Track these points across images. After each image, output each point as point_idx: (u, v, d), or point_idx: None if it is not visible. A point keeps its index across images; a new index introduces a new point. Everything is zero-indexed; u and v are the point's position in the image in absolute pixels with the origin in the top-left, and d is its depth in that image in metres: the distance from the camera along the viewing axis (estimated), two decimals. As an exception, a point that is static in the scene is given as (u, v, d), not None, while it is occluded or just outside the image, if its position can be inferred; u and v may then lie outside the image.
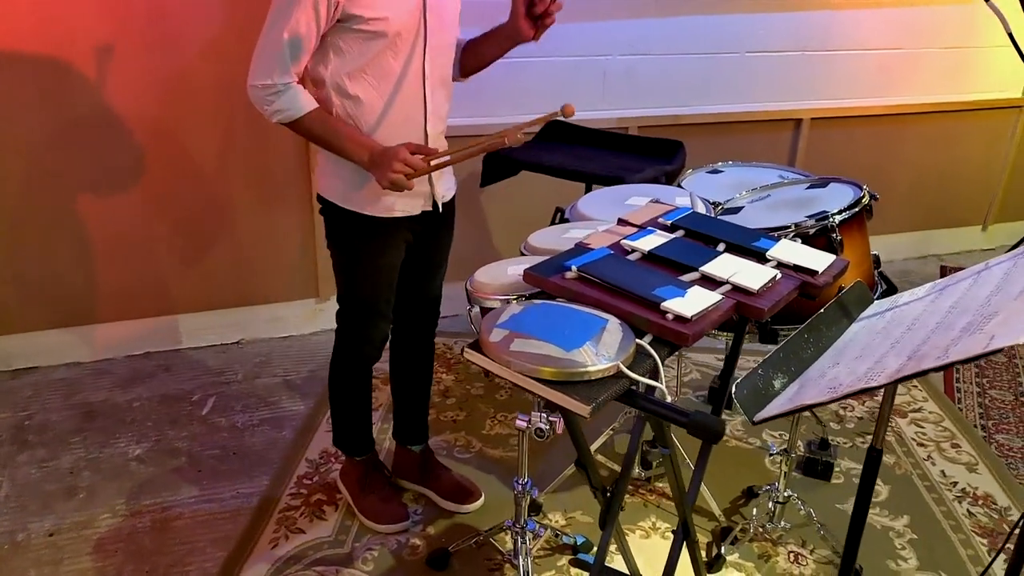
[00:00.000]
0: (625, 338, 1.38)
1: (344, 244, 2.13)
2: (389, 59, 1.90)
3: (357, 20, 1.83)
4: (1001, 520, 2.48)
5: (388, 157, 1.84)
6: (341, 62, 1.89)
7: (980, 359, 1.15)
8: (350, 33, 1.86)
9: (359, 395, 2.35)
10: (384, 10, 1.84)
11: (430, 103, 2.00)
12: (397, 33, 1.87)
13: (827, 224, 1.93)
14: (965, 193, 4.34)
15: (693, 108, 3.61)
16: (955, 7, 3.83)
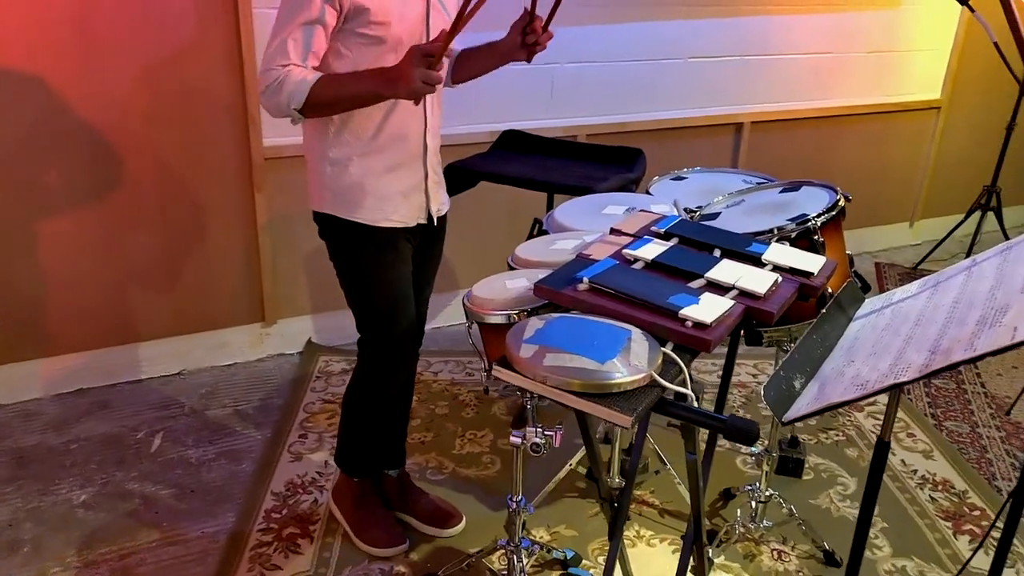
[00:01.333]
0: (652, 348, 1.37)
1: (351, 261, 2.06)
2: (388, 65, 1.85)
3: (362, 20, 1.79)
4: (961, 503, 2.58)
5: (404, 62, 1.69)
6: (342, 67, 1.85)
7: (1008, 351, 1.18)
8: (352, 37, 1.83)
9: (376, 416, 2.27)
10: (388, 15, 1.81)
11: (430, 114, 1.99)
12: (399, 40, 1.85)
13: (809, 227, 1.96)
14: (893, 191, 4.54)
15: (639, 115, 3.65)
16: (879, 12, 4.01)
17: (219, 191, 3.08)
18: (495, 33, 2.07)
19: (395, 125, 1.94)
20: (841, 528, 2.45)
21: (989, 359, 3.32)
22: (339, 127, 1.92)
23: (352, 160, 1.95)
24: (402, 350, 2.16)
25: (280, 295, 3.32)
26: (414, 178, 2.03)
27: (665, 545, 2.37)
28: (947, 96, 4.39)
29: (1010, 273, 1.42)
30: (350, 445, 2.34)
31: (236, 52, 2.91)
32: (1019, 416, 3.06)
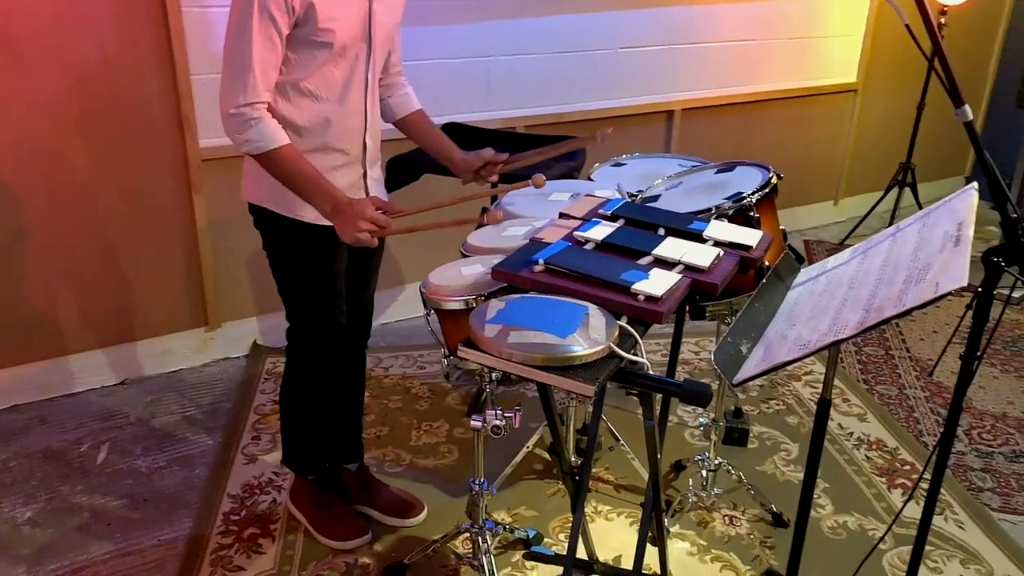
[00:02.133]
0: (608, 322, 1.43)
1: (285, 255, 2.07)
2: (333, 70, 1.89)
3: (311, 25, 1.79)
4: (893, 460, 2.73)
5: (354, 212, 1.75)
6: (287, 72, 1.86)
7: (933, 304, 1.28)
8: (298, 43, 1.83)
9: (314, 412, 2.28)
10: (334, 21, 1.82)
11: (370, 114, 2.01)
12: (343, 44, 1.86)
13: (745, 204, 2.06)
14: (817, 171, 4.73)
15: (574, 105, 3.72)
16: (797, 0, 4.17)
17: (156, 195, 3.04)
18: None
19: (338, 126, 1.95)
20: (787, 491, 2.57)
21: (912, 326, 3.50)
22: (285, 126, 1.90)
23: None
24: (332, 343, 2.17)
25: (223, 298, 3.29)
26: (353, 176, 2.05)
27: (623, 519, 2.45)
28: (862, 79, 4.59)
29: (929, 236, 1.53)
30: (294, 443, 2.35)
31: (167, 52, 2.87)
32: (941, 377, 3.24)
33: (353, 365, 2.38)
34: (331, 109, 1.92)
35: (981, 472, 2.67)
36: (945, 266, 1.32)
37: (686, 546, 2.34)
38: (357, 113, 1.97)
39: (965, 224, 1.42)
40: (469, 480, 2.08)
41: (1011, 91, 5.16)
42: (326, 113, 1.92)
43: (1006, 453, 2.77)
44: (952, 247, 1.35)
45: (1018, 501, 2.54)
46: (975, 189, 1.55)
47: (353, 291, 2.24)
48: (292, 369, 2.24)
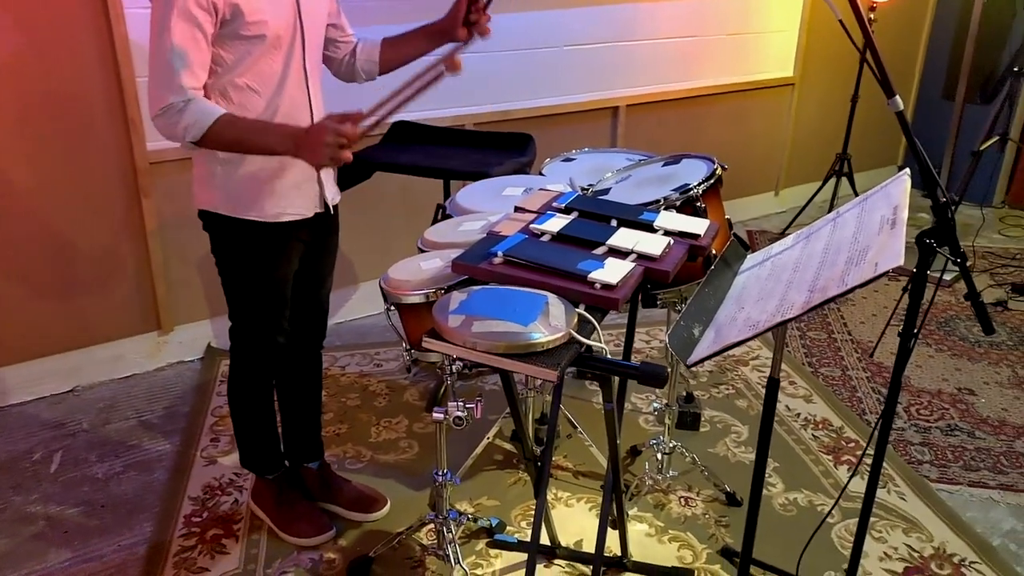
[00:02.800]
0: (567, 309, 1.49)
1: (235, 258, 2.07)
2: (270, 63, 1.89)
3: (239, 21, 1.80)
4: (839, 438, 2.85)
5: (316, 135, 1.71)
6: (223, 70, 1.86)
7: (873, 282, 1.36)
8: (231, 40, 1.83)
9: (263, 412, 2.29)
10: (263, 13, 1.83)
11: (314, 103, 2.02)
12: (276, 35, 1.87)
13: (692, 195, 2.13)
14: (758, 164, 4.86)
15: (522, 102, 3.78)
16: (735, -5, 4.30)
17: (103, 198, 3.00)
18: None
19: (283, 119, 1.95)
20: (739, 471, 2.66)
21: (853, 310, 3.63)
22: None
23: (244, 159, 1.95)
24: (274, 346, 2.18)
25: (175, 301, 3.27)
26: (307, 169, 2.03)
27: (583, 504, 2.51)
28: (799, 73, 4.74)
29: (867, 220, 1.61)
30: (249, 444, 2.36)
31: (110, 54, 2.84)
32: (881, 358, 3.38)
33: (309, 365, 2.40)
34: (272, 103, 1.92)
35: (920, 446, 2.80)
36: (883, 247, 1.40)
37: (644, 528, 2.41)
38: (301, 105, 1.98)
39: (900, 207, 1.50)
40: (432, 472, 2.12)
41: (938, 83, 5.38)
42: (269, 108, 1.92)
43: (942, 427, 2.91)
44: (889, 229, 1.44)
45: (954, 472, 2.67)
46: (907, 175, 1.65)
47: (308, 291, 2.26)
48: (236, 370, 2.25)
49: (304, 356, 2.38)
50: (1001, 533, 2.42)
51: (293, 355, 2.35)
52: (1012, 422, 2.94)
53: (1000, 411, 3.01)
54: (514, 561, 2.29)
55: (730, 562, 2.27)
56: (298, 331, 2.31)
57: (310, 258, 2.19)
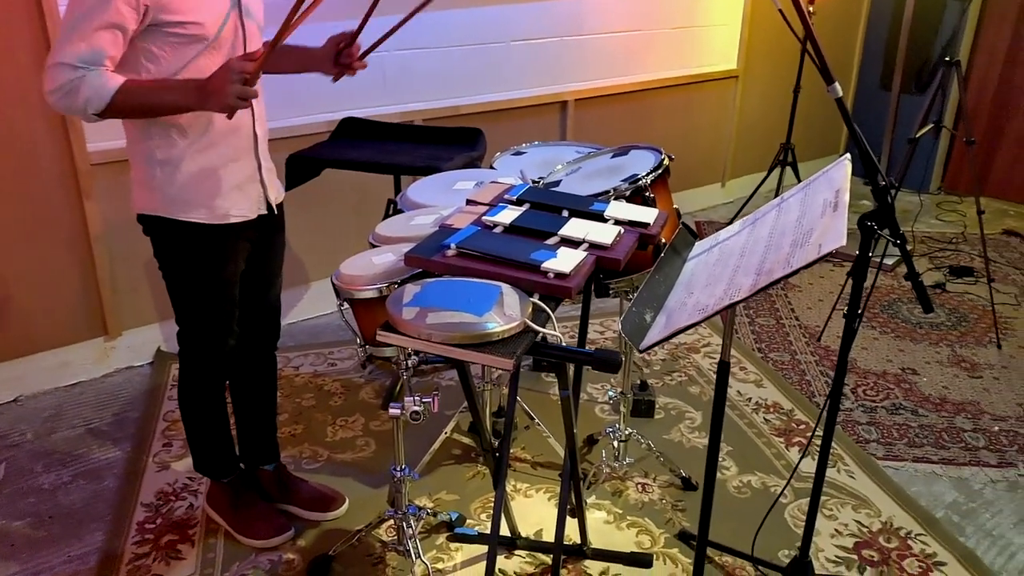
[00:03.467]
0: (521, 299, 1.50)
1: (179, 261, 2.04)
2: (209, 62, 1.86)
3: (169, 24, 1.77)
4: (789, 420, 2.91)
5: (218, 77, 1.70)
6: (159, 69, 1.82)
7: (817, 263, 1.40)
8: (163, 37, 1.80)
9: (215, 415, 2.25)
10: (195, 15, 1.80)
11: (256, 105, 1.99)
12: (214, 35, 1.84)
13: (640, 185, 2.16)
14: (704, 155, 4.94)
15: (471, 98, 3.78)
16: (678, -10, 4.36)
17: (43, 203, 2.93)
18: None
19: (222, 122, 1.92)
20: (693, 456, 2.70)
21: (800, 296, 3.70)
22: (165, 126, 1.88)
23: (184, 160, 1.92)
24: (223, 349, 2.16)
25: (122, 306, 3.20)
26: (248, 169, 2.03)
27: (541, 494, 2.53)
28: (742, 65, 4.82)
29: (811, 204, 1.66)
30: (202, 449, 2.33)
31: (45, 53, 2.77)
32: (828, 341, 3.47)
33: (263, 366, 2.38)
34: None
35: (867, 425, 2.88)
36: (826, 229, 1.44)
37: (603, 515, 2.44)
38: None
39: (841, 191, 1.55)
40: (390, 468, 2.11)
41: (875, 74, 5.53)
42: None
43: (887, 407, 2.99)
44: (831, 212, 1.48)
45: (899, 449, 2.75)
46: (848, 160, 1.70)
47: (258, 293, 2.24)
48: (185, 375, 2.21)
49: (257, 358, 2.36)
50: (944, 505, 2.51)
51: (246, 357, 2.32)
52: (952, 399, 3.05)
53: (941, 389, 3.11)
54: (475, 554, 2.30)
55: (687, 545, 2.31)
56: (250, 333, 2.29)
57: (257, 258, 2.17)
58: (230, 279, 2.10)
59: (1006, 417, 2.94)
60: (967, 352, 3.39)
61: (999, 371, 3.24)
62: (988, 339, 3.48)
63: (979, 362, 3.32)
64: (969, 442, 2.79)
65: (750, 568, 2.24)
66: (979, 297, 3.86)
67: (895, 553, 2.31)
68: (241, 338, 2.27)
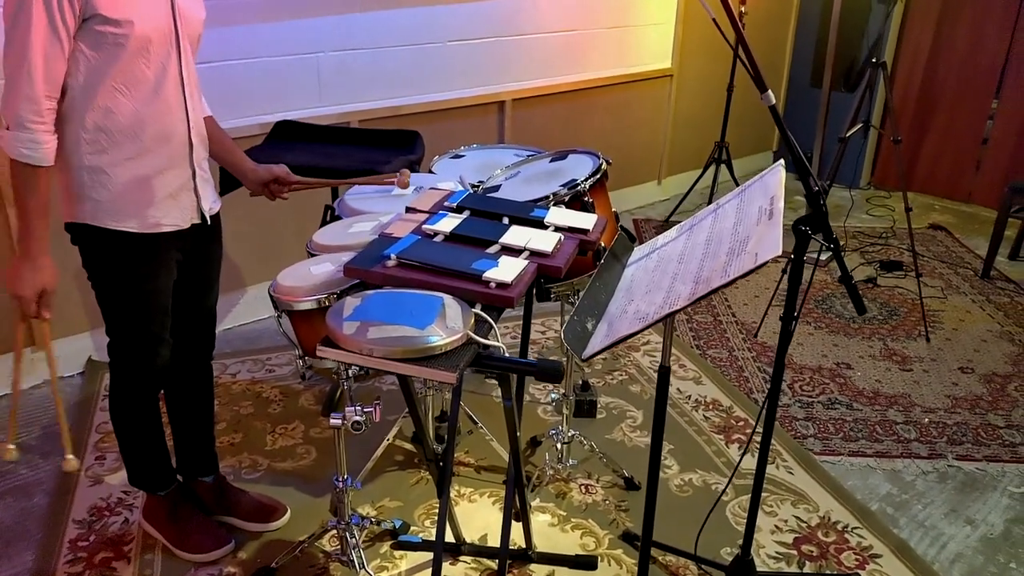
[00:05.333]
0: (464, 310, 1.49)
1: (108, 271, 1.97)
2: (142, 67, 1.81)
3: (102, 21, 1.72)
4: (728, 417, 2.97)
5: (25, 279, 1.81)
6: (88, 72, 1.76)
7: (753, 272, 1.42)
8: (94, 38, 1.74)
9: (150, 427, 2.19)
10: (129, 13, 1.74)
11: (191, 111, 1.94)
12: (147, 38, 1.78)
13: (579, 190, 2.17)
14: (641, 153, 4.99)
15: (408, 98, 3.75)
16: (611, -12, 4.39)
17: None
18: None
19: (157, 126, 1.88)
20: (635, 456, 2.73)
21: (736, 293, 3.78)
22: (94, 133, 1.82)
23: (114, 167, 1.86)
24: (154, 359, 2.11)
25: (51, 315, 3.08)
26: (181, 178, 1.98)
27: (485, 498, 2.53)
28: (677, 64, 4.89)
29: (746, 211, 1.68)
30: (136, 462, 2.27)
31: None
32: (764, 337, 3.54)
33: (198, 376, 2.32)
34: (144, 109, 1.84)
35: (804, 421, 2.95)
36: (762, 237, 1.46)
37: (547, 518, 2.45)
38: (176, 113, 1.91)
39: (776, 198, 1.58)
40: (332, 478, 2.09)
41: (806, 72, 5.66)
42: (140, 114, 1.84)
43: (823, 402, 3.07)
44: (767, 220, 1.50)
45: (835, 443, 2.83)
46: (782, 166, 1.73)
47: (193, 301, 2.18)
48: (116, 385, 2.15)
49: (192, 368, 2.30)
50: (878, 498, 2.59)
51: (181, 367, 2.26)
52: (885, 392, 3.14)
53: (874, 383, 3.20)
54: (420, 561, 2.29)
55: (632, 546, 2.34)
56: (184, 342, 2.23)
57: (191, 268, 2.11)
58: (162, 289, 2.04)
59: (935, 409, 3.04)
60: (898, 345, 3.49)
61: (928, 363, 3.35)
62: (917, 332, 3.59)
63: (909, 355, 3.42)
64: (901, 434, 2.88)
65: (694, 567, 2.27)
66: (908, 291, 3.99)
67: (833, 547, 2.37)
68: (176, 348, 2.21)
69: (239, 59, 3.21)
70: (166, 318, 2.09)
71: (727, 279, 1.40)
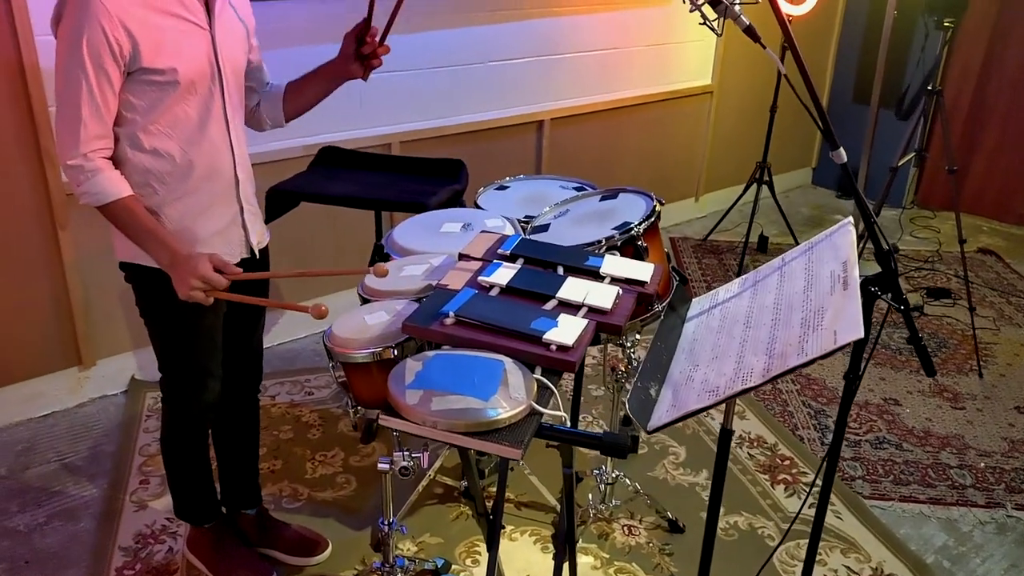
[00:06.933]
0: (525, 376, 1.47)
1: (160, 309, 1.98)
2: (186, 108, 1.82)
3: (146, 72, 1.74)
4: (773, 455, 2.92)
5: (190, 268, 1.74)
6: (134, 116, 1.78)
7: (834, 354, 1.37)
8: (139, 85, 1.75)
9: (198, 462, 2.20)
10: (171, 61, 1.75)
11: (236, 146, 1.95)
12: (191, 81, 1.79)
13: (633, 234, 2.14)
14: (678, 170, 4.94)
15: (448, 119, 3.73)
16: (653, 8, 4.33)
17: (16, 233, 2.84)
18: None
19: (204, 165, 1.89)
20: (679, 495, 2.70)
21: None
22: (144, 175, 1.84)
23: (164, 207, 1.88)
24: (206, 394, 2.11)
25: (96, 335, 3.12)
26: (229, 214, 1.99)
27: (526, 537, 2.51)
28: (717, 82, 4.82)
29: (817, 274, 1.63)
30: (183, 495, 2.28)
31: (20, 84, 2.69)
32: (809, 370, 3.48)
33: (245, 410, 2.33)
34: (191, 149, 1.85)
35: (852, 461, 2.89)
36: (839, 312, 1.41)
37: (590, 560, 2.42)
38: (222, 149, 1.91)
39: (850, 264, 1.52)
40: (378, 521, 2.07)
41: (848, 86, 5.56)
42: (188, 155, 1.85)
43: (871, 440, 3.01)
44: (842, 290, 1.46)
45: (885, 487, 2.77)
46: (851, 225, 1.68)
47: (241, 335, 2.19)
48: (168, 420, 2.17)
49: (239, 402, 2.31)
50: (934, 549, 2.52)
51: (228, 401, 2.27)
52: (936, 432, 3.06)
53: (924, 421, 3.13)
54: (464, 603, 2.27)
55: (677, 592, 2.31)
56: (232, 376, 2.23)
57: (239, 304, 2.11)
58: (212, 325, 2.05)
59: (991, 452, 2.95)
60: (949, 381, 3.41)
61: (982, 402, 3.27)
62: (969, 366, 3.50)
63: (961, 391, 3.34)
64: (956, 480, 2.81)
65: (741, 617, 2.24)
66: (958, 321, 3.89)
67: (885, 600, 2.32)
68: (224, 382, 2.21)
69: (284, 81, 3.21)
70: (216, 352, 2.10)
71: (805, 358, 1.35)
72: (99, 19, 1.64)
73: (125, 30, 1.67)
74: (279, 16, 3.12)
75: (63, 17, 1.69)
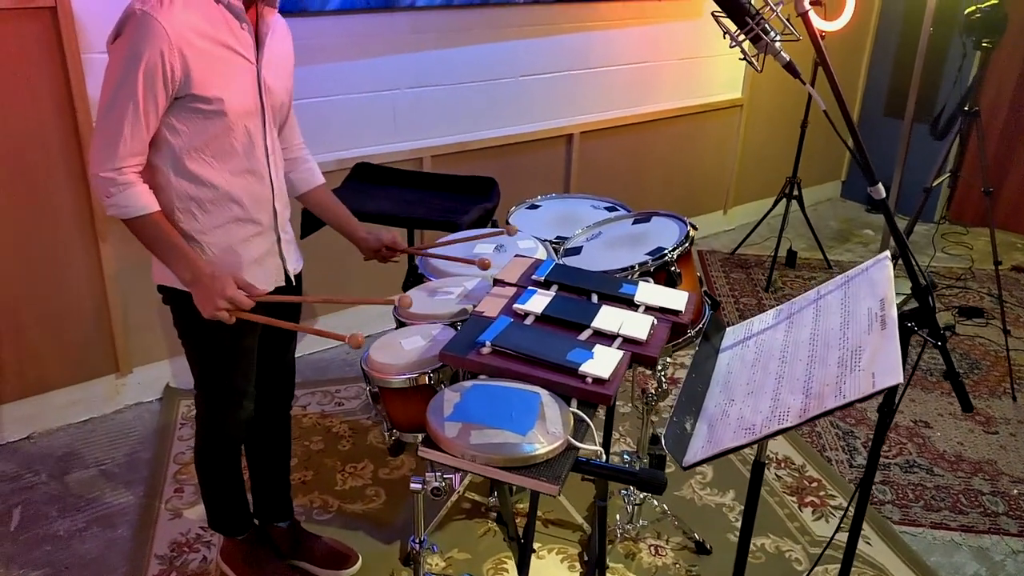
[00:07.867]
0: (562, 410, 1.49)
1: (198, 332, 2.02)
2: (231, 140, 1.85)
3: (194, 99, 1.77)
4: (801, 477, 2.91)
5: (213, 287, 1.77)
6: (178, 142, 1.81)
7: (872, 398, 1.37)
8: (186, 112, 1.78)
9: (232, 476, 2.25)
10: (220, 91, 1.78)
11: (276, 179, 1.98)
12: (236, 114, 1.82)
13: (666, 260, 2.15)
14: (706, 183, 4.94)
15: (479, 133, 3.76)
16: (684, 22, 4.34)
17: (61, 245, 2.91)
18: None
19: (244, 196, 1.92)
20: (706, 515, 2.70)
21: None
22: (185, 202, 1.86)
23: (203, 235, 1.91)
24: (241, 411, 2.15)
25: (134, 343, 3.18)
26: (267, 243, 2.02)
27: (554, 555, 2.52)
28: (747, 95, 4.81)
29: (853, 311, 1.63)
30: (217, 508, 2.32)
31: (67, 99, 2.75)
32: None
33: (278, 426, 2.37)
34: (233, 180, 1.88)
35: (881, 484, 2.87)
36: (877, 353, 1.41)
37: (618, 580, 2.44)
38: (262, 181, 1.95)
39: (887, 303, 1.52)
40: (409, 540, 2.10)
41: (880, 100, 5.52)
42: (229, 184, 1.88)
43: (901, 464, 2.99)
44: (880, 330, 1.46)
45: (915, 512, 2.75)
46: (889, 260, 1.68)
47: (275, 355, 2.23)
48: (202, 436, 2.21)
49: (272, 418, 2.35)
50: (964, 579, 2.51)
51: (261, 417, 2.31)
52: (968, 457, 3.03)
53: (956, 445, 3.10)
54: (492, 621, 2.30)
55: (704, 615, 2.31)
56: (266, 393, 2.27)
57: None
58: (248, 347, 2.09)
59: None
60: (981, 404, 3.37)
61: (1015, 426, 3.22)
62: (1003, 389, 3.45)
63: (994, 415, 3.29)
64: (988, 507, 2.78)
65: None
66: (991, 341, 3.85)
67: (914, 630, 2.31)
68: (257, 399, 2.25)
69: (321, 97, 3.26)
70: (251, 371, 2.14)
71: (843, 400, 1.36)
72: (159, 44, 1.66)
73: (181, 56, 1.70)
74: (314, 32, 3.16)
75: (122, 35, 1.70)
